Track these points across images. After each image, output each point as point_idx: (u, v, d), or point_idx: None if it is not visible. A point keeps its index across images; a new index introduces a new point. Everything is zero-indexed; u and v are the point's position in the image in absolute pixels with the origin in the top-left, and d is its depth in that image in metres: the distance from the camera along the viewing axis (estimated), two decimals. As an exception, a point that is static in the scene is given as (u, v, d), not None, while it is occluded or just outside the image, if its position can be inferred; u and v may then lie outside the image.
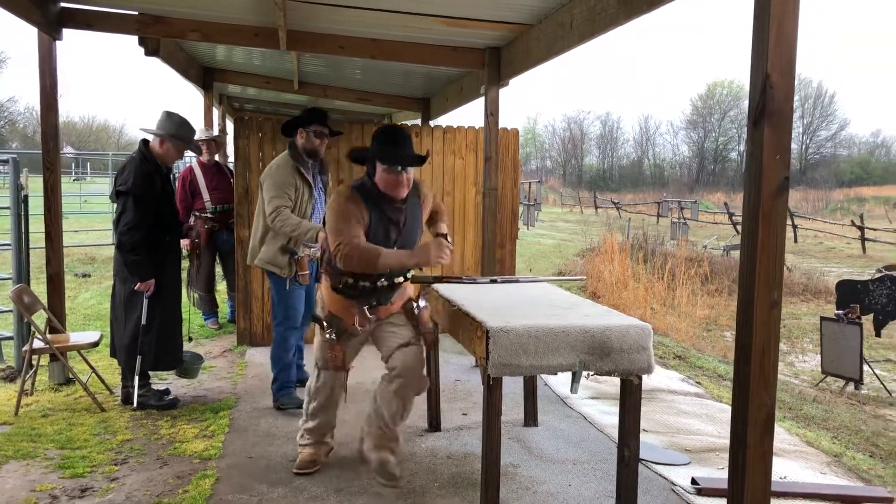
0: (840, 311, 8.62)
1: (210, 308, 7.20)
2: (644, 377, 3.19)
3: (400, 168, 3.28)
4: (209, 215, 6.71)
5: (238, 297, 6.51)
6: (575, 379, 2.97)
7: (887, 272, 10.26)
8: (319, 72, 7.73)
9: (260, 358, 5.95)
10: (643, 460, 3.86)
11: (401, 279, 3.57)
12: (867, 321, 9.36)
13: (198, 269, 6.64)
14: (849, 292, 9.59)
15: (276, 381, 4.74)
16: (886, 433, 6.20)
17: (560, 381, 5.53)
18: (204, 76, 8.44)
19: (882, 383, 8.09)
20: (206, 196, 6.73)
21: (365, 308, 3.49)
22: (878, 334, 9.76)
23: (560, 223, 29.43)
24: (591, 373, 2.97)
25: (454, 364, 6.05)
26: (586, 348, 2.91)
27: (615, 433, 4.33)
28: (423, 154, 3.40)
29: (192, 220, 6.51)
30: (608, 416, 4.75)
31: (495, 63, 5.46)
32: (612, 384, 5.57)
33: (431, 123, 7.98)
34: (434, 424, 4.40)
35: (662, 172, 74.40)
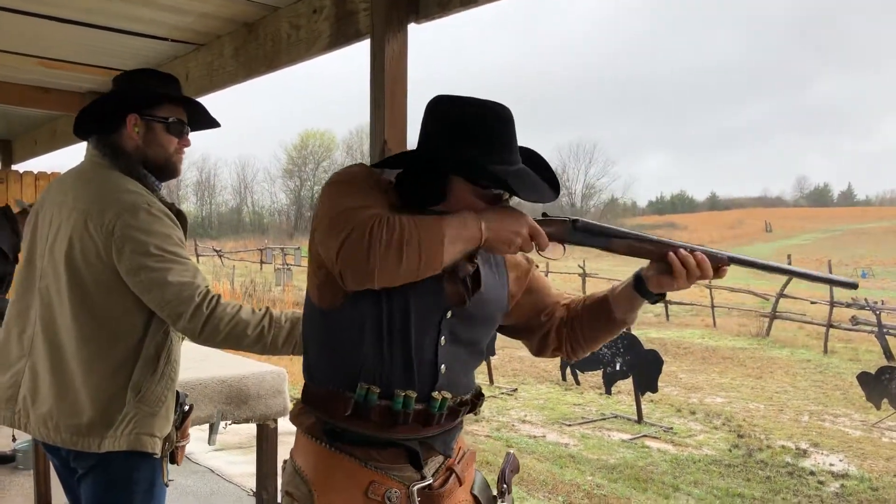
0: None
1: None
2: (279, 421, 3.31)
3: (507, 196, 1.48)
4: None
5: None
6: (213, 430, 2.97)
7: None
8: None
9: None
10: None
11: (466, 396, 1.53)
12: (595, 377, 9.49)
13: None
14: None
15: None
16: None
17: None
18: None
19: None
20: None
21: (414, 491, 1.46)
22: (608, 392, 9.71)
23: (160, 273, 28.11)
24: (229, 422, 3.01)
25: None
26: (224, 398, 2.95)
27: (246, 481, 4.37)
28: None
29: None
30: (236, 465, 4.76)
31: (99, 108, 5.18)
32: (234, 433, 5.57)
33: (20, 169, 7.14)
34: (43, 503, 3.96)
35: (262, 220, 75.73)
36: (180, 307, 1.89)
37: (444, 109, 1.47)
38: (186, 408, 2.22)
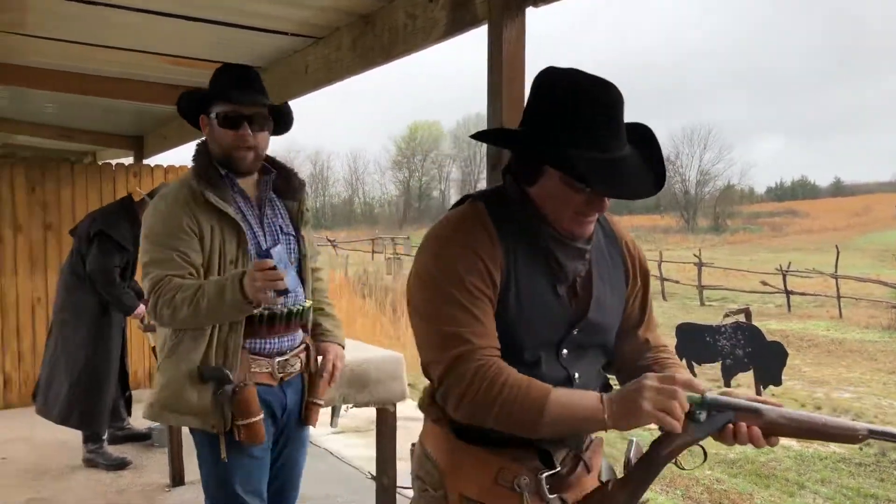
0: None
1: None
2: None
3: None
4: None
5: None
6: (335, 413, 3.06)
7: (736, 317, 9.72)
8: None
9: None
10: (402, 487, 4.02)
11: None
12: (713, 370, 9.13)
13: None
14: (690, 337, 9.11)
15: None
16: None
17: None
18: None
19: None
20: None
21: (543, 479, 1.41)
22: (727, 384, 9.32)
23: (277, 263, 29.19)
24: (351, 406, 3.08)
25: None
26: (346, 382, 3.01)
27: (364, 464, 4.47)
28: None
29: None
30: (353, 448, 4.88)
31: (223, 104, 5.40)
32: (351, 417, 5.71)
33: (151, 163, 7.55)
34: (177, 479, 4.19)
35: (373, 210, 77.37)
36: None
37: (543, 86, 1.41)
38: (243, 385, 2.16)
